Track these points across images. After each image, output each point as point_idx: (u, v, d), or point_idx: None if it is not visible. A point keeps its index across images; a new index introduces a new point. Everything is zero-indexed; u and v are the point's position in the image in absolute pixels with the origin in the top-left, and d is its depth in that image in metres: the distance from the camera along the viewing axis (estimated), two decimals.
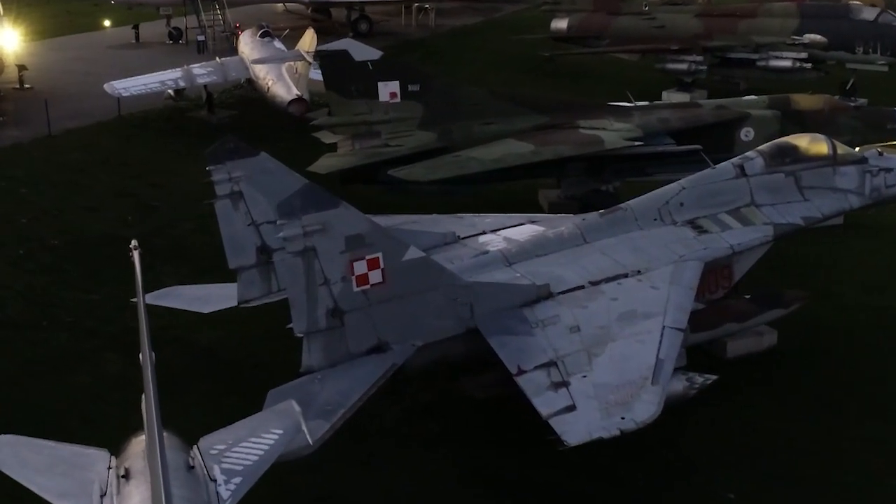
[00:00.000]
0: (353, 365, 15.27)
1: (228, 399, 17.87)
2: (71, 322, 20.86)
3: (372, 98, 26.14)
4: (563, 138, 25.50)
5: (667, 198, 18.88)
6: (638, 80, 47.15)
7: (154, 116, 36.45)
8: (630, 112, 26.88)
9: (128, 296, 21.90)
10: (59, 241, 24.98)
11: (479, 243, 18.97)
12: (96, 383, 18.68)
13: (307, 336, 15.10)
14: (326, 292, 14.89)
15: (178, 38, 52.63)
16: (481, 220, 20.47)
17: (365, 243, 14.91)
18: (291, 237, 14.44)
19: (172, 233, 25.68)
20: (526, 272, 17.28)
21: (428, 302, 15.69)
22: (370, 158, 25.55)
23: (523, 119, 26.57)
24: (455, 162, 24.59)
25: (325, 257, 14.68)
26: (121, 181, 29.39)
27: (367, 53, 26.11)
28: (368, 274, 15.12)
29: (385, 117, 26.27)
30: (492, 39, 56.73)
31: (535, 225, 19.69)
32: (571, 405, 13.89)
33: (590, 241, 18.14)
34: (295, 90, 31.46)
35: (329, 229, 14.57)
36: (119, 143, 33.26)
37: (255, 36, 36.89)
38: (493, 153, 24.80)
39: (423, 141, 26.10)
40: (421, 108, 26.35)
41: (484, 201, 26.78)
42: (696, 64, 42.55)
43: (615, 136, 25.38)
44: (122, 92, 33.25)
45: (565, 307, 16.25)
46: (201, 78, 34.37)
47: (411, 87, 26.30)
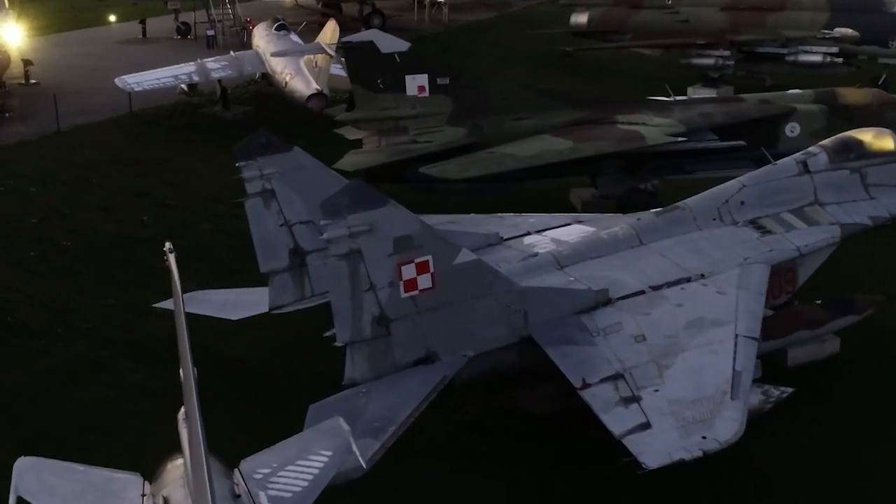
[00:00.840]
0: (400, 377, 14.12)
1: (260, 412, 16.75)
2: (87, 329, 19.71)
3: (399, 92, 25.00)
4: (601, 134, 24.33)
5: (726, 196, 17.74)
6: (659, 76, 45.90)
7: (166, 112, 35.29)
8: (669, 107, 25.72)
9: (146, 300, 20.88)
10: (72, 243, 23.84)
11: (524, 245, 17.84)
12: (116, 395, 17.55)
13: (351, 346, 13.95)
14: (372, 299, 13.75)
15: (187, 34, 51.53)
16: (524, 221, 19.34)
17: (414, 245, 13.76)
18: (336, 238, 13.27)
19: (190, 233, 24.54)
20: (580, 276, 16.15)
21: (480, 309, 14.54)
22: (398, 155, 24.40)
23: (558, 114, 25.40)
24: (490, 159, 23.43)
25: (372, 260, 13.53)
26: (133, 179, 28.25)
27: (395, 45, 24.97)
28: (417, 279, 13.97)
29: (413, 112, 25.13)
30: (506, 34, 55.59)
31: (583, 225, 18.57)
32: (645, 423, 12.74)
33: (646, 242, 17.01)
34: (315, 84, 30.30)
35: (376, 230, 13.41)
36: (130, 140, 32.10)
37: (270, 29, 35.71)
38: (529, 149, 23.64)
39: (453, 137, 24.95)
40: (450, 103, 25.21)
41: (513, 201, 25.59)
42: (723, 59, 41.44)
43: (656, 131, 24.21)
44: (134, 87, 32.09)
45: (627, 314, 15.11)
46: (216, 72, 33.18)
47: (440, 80, 25.15)
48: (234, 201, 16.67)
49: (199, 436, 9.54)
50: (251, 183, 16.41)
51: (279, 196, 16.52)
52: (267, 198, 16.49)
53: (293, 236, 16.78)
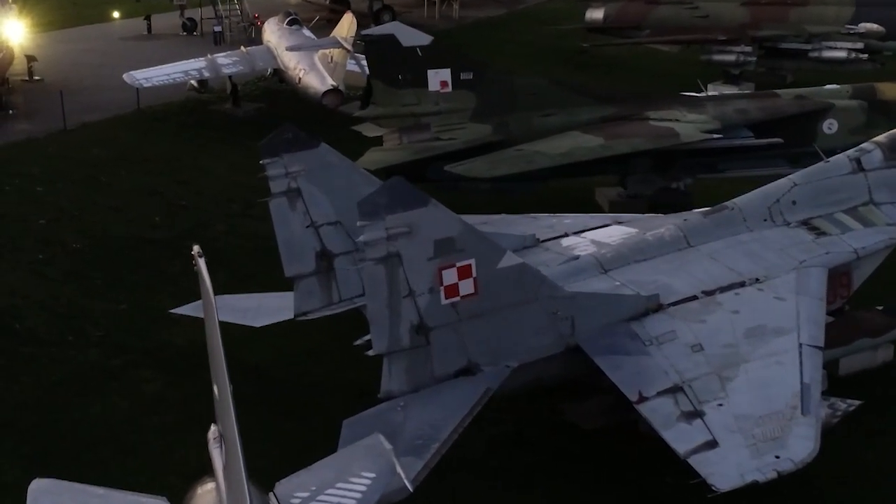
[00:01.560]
0: (440, 390, 13.21)
1: (286, 425, 15.85)
2: (99, 336, 18.79)
3: (421, 87, 24.08)
4: (634, 131, 23.40)
5: (777, 195, 16.81)
6: (677, 73, 45.12)
7: (175, 109, 34.34)
8: (703, 102, 24.80)
9: (159, 304, 19.94)
10: (81, 245, 22.92)
11: (563, 247, 16.93)
12: (132, 407, 16.63)
13: (388, 356, 13.03)
14: (411, 306, 12.83)
15: (193, 30, 50.54)
16: (559, 221, 18.44)
17: (456, 248, 12.84)
18: (373, 241, 12.35)
19: (204, 234, 23.59)
20: (626, 281, 15.24)
21: (524, 316, 13.62)
22: (421, 153, 23.47)
23: (586, 110, 24.47)
24: (519, 156, 22.51)
25: (411, 265, 12.62)
26: (143, 178, 27.30)
27: (416, 38, 24.06)
28: (459, 284, 13.06)
29: (435, 108, 24.21)
30: (519, 31, 54.67)
31: (623, 226, 17.66)
32: (712, 440, 11.82)
33: (694, 244, 16.09)
34: (330, 80, 29.36)
35: (416, 232, 12.49)
36: (139, 138, 31.14)
37: (282, 24, 34.74)
38: (559, 147, 22.72)
39: (477, 134, 24.02)
40: (474, 99, 24.28)
41: (536, 201, 24.71)
42: (744, 55, 40.50)
43: (691, 128, 23.28)
44: (143, 82, 31.12)
45: (680, 321, 14.19)
46: (226, 68, 32.20)
47: (464, 75, 24.23)
48: (259, 200, 15.71)
49: (238, 461, 8.64)
50: (276, 181, 15.50)
51: (305, 195, 15.62)
52: (292, 197, 15.58)
53: (320, 238, 15.86)
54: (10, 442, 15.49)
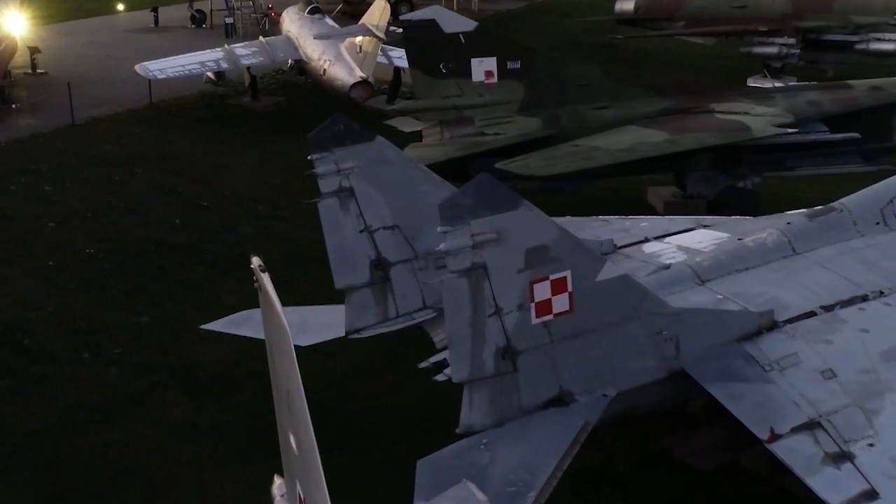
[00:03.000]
0: (530, 425, 11.32)
1: (339, 458, 13.87)
2: (119, 354, 16.89)
3: (464, 78, 22.24)
4: (699, 125, 21.52)
5: (890, 195, 14.92)
6: (710, 66, 43.63)
7: (190, 103, 32.53)
8: (771, 94, 22.94)
9: (184, 316, 18.08)
10: (95, 250, 20.96)
11: (646, 254, 15.03)
12: (159, 435, 14.72)
13: (469, 385, 11.15)
14: (497, 326, 10.96)
15: (202, 22, 48.96)
16: (635, 224, 16.56)
17: (550, 258, 10.96)
18: (457, 250, 10.47)
19: (229, 238, 21.75)
20: (729, 293, 13.34)
21: (625, 337, 11.75)
22: (466, 149, 21.59)
23: (644, 102, 22.62)
24: (576, 153, 20.60)
25: (499, 277, 10.74)
26: (160, 177, 25.44)
27: (459, 24, 22.25)
28: (552, 300, 11.18)
29: (479, 100, 22.36)
30: (542, 24, 52.92)
31: (712, 230, 15.78)
32: (870, 490, 9.95)
33: (801, 251, 14.19)
34: (359, 72, 27.54)
35: (506, 239, 10.61)
36: (154, 134, 29.29)
37: (302, 13, 32.91)
38: (620, 142, 20.82)
39: (526, 128, 22.17)
40: (522, 90, 22.44)
41: (583, 202, 22.95)
42: (787, 47, 38.81)
43: (762, 122, 21.40)
44: (157, 74, 29.27)
45: (802, 342, 12.29)
46: (245, 59, 30.33)
47: (511, 64, 22.38)
48: (305, 202, 13.82)
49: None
50: (326, 180, 13.57)
51: (359, 196, 13.71)
52: (344, 198, 13.67)
53: (375, 245, 13.97)
54: (21, 476, 13.61)
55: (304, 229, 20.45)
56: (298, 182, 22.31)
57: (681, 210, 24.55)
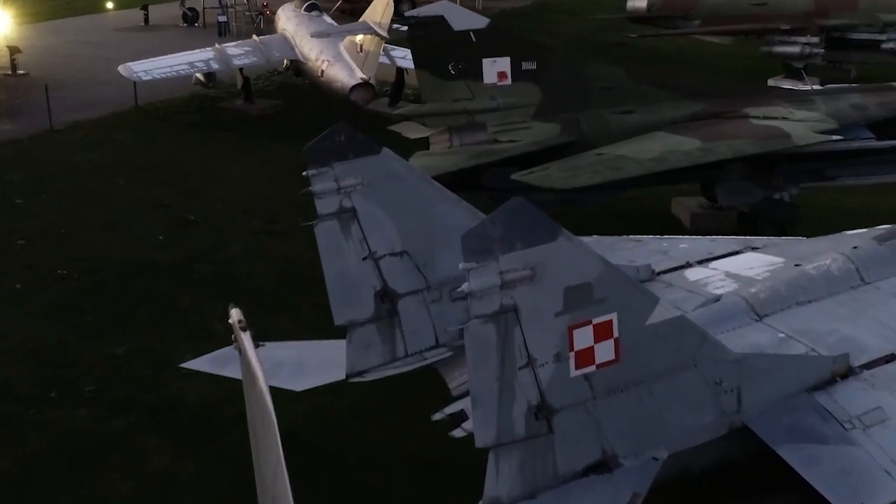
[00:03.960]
0: (566, 497, 9.56)
1: None
2: (91, 391, 15.10)
3: (475, 79, 20.51)
4: (735, 131, 19.74)
5: None
6: (728, 66, 41.96)
7: (179, 107, 30.72)
8: (810, 97, 21.16)
9: (166, 348, 16.25)
10: (70, 271, 19.15)
11: (690, 282, 13.29)
12: (136, 489, 12.95)
13: (496, 450, 9.37)
14: (529, 380, 9.20)
15: (194, 21, 47.30)
16: (673, 245, 14.81)
17: (593, 298, 9.19)
18: (482, 291, 8.71)
19: (219, 257, 19.97)
20: (792, 331, 11.59)
21: (680, 389, 9.98)
22: (478, 158, 19.82)
23: (672, 106, 20.86)
24: (601, 163, 18.81)
25: (533, 322, 8.98)
26: (144, 188, 23.61)
27: (470, 21, 20.54)
28: (595, 348, 9.42)
29: (491, 104, 20.63)
30: (550, 22, 51.20)
31: (763, 253, 14.02)
32: None
33: (871, 280, 12.46)
34: (359, 73, 25.78)
35: (541, 276, 8.85)
36: (139, 140, 27.49)
37: (299, 10, 31.11)
38: (648, 150, 19.04)
39: (543, 134, 20.42)
40: (538, 93, 20.70)
41: (602, 213, 21.30)
42: (811, 46, 37.10)
43: (803, 128, 19.65)
44: (142, 75, 27.47)
45: (885, 392, 10.55)
46: (237, 59, 28.51)
47: (526, 64, 20.64)
48: (304, 224, 12.03)
49: None
50: (324, 199, 11.78)
51: (362, 217, 11.94)
52: (345, 220, 11.89)
53: (381, 274, 12.18)
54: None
55: (302, 246, 18.63)
56: (296, 193, 20.56)
57: (709, 223, 22.87)
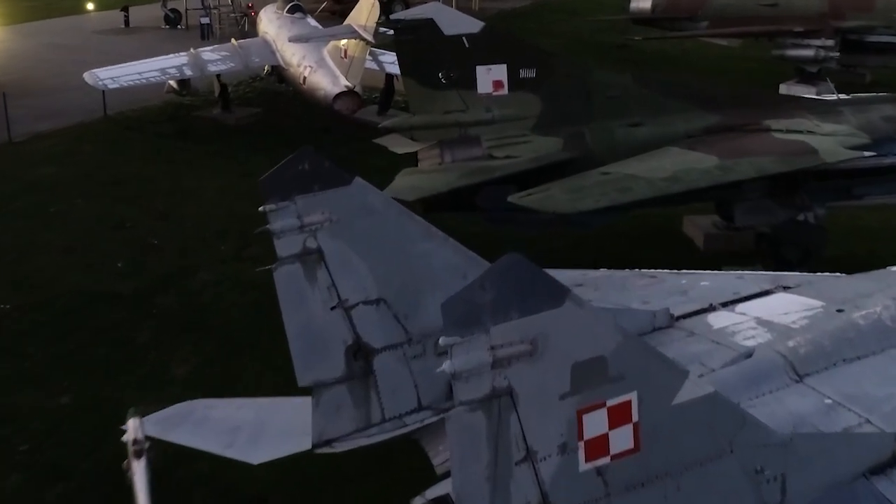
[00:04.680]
0: None
1: None
2: (25, 452, 13.28)
3: (468, 89, 18.72)
4: (756, 147, 17.93)
5: None
6: (736, 70, 40.36)
7: (152, 116, 28.88)
8: (836, 108, 19.37)
9: (118, 395, 14.50)
10: (14, 305, 17.33)
11: (715, 330, 11.45)
12: None
13: None
14: (528, 477, 7.40)
15: (177, 23, 45.57)
16: (693, 283, 12.97)
17: (608, 375, 7.39)
18: (469, 371, 6.93)
19: (185, 286, 18.16)
20: (840, 395, 9.77)
21: (713, 480, 8.17)
22: (472, 177, 18.01)
23: (686, 118, 19.06)
24: (608, 183, 16.98)
25: (533, 407, 7.19)
26: (108, 207, 21.78)
27: (463, 24, 18.76)
28: (609, 435, 7.61)
29: (486, 116, 18.84)
30: (550, 23, 49.49)
31: (797, 294, 12.21)
32: None
33: None
34: (343, 80, 23.99)
35: (544, 350, 7.07)
36: (107, 153, 25.67)
37: (282, 12, 29.32)
38: (661, 169, 17.22)
39: (544, 150, 18.62)
40: (538, 103, 18.91)
41: (604, 233, 19.53)
42: (825, 49, 35.43)
43: (831, 143, 17.86)
44: (108, 83, 25.61)
45: None
46: (214, 65, 26.67)
47: (524, 72, 18.85)
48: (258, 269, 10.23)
49: None
50: (285, 238, 9.91)
51: (331, 259, 10.08)
52: (311, 263, 10.02)
53: (353, 326, 10.32)
54: None
55: None
56: None
57: (724, 244, 21.17)
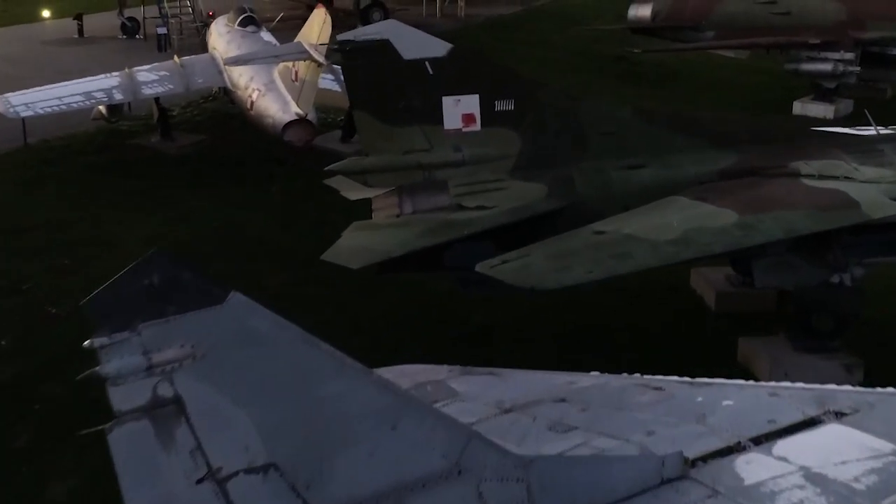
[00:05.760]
0: None
1: None
2: None
3: (432, 124, 15.71)
4: (783, 197, 14.80)
5: None
6: (745, 85, 37.51)
7: (80, 145, 25.66)
8: (876, 146, 16.29)
9: None
10: None
11: (748, 487, 8.33)
12: None
13: None
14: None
15: (135, 32, 42.54)
16: (713, 401, 9.81)
17: None
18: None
19: (79, 371, 14.92)
20: None
21: None
22: (436, 235, 14.90)
23: (696, 158, 16.00)
24: (603, 247, 13.75)
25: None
26: (4, 263, 18.55)
27: (426, 46, 15.63)
28: None
29: (455, 157, 15.82)
30: (541, 32, 46.47)
31: (854, 426, 9.13)
32: None
33: None
34: (294, 107, 20.87)
35: None
36: (19, 191, 22.48)
37: (232, 25, 26.25)
38: (667, 228, 14.02)
39: (525, 198, 15.54)
40: (517, 141, 15.89)
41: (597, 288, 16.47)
42: (844, 63, 32.56)
43: (874, 192, 14.80)
44: (21, 110, 22.41)
45: None
46: (149, 88, 23.42)
47: (501, 103, 15.82)
48: (84, 433, 7.15)
49: None
50: (126, 386, 6.80)
51: (194, 412, 6.94)
52: (165, 419, 6.90)
53: None
54: None
55: None
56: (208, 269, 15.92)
57: (740, 304, 18.18)
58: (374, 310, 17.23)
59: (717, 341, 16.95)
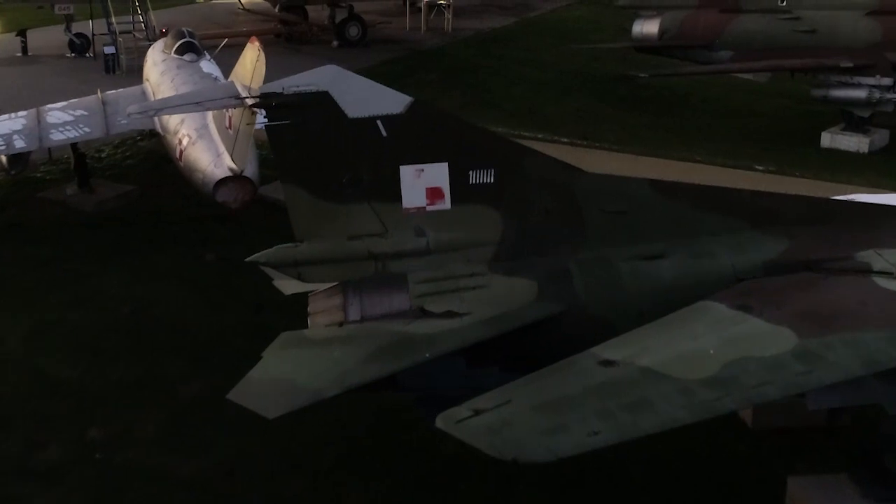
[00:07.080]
0: None
1: None
2: None
3: (387, 201, 12.13)
4: (853, 307, 11.16)
5: None
6: (765, 112, 34.09)
7: None
8: None
9: None
10: None
11: None
12: None
13: None
14: None
15: (84, 50, 39.10)
16: None
17: None
18: None
19: None
20: None
21: None
22: (389, 362, 11.25)
23: (733, 246, 12.41)
24: (611, 393, 10.02)
25: None
26: None
27: (376, 100, 11.96)
28: None
29: (417, 243, 12.26)
30: (534, 48, 43.09)
31: None
32: None
33: None
34: (228, 160, 17.14)
35: None
36: None
37: (169, 51, 22.56)
38: (700, 358, 10.31)
39: (509, 300, 11.94)
40: (499, 223, 12.29)
41: None
42: (881, 90, 29.24)
43: None
44: None
45: None
46: (59, 132, 19.52)
47: (477, 174, 12.22)
48: None
49: None
50: None
51: None
52: None
53: None
54: None
55: None
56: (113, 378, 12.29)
57: (782, 419, 14.60)
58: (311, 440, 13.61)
59: (757, 476, 13.38)
